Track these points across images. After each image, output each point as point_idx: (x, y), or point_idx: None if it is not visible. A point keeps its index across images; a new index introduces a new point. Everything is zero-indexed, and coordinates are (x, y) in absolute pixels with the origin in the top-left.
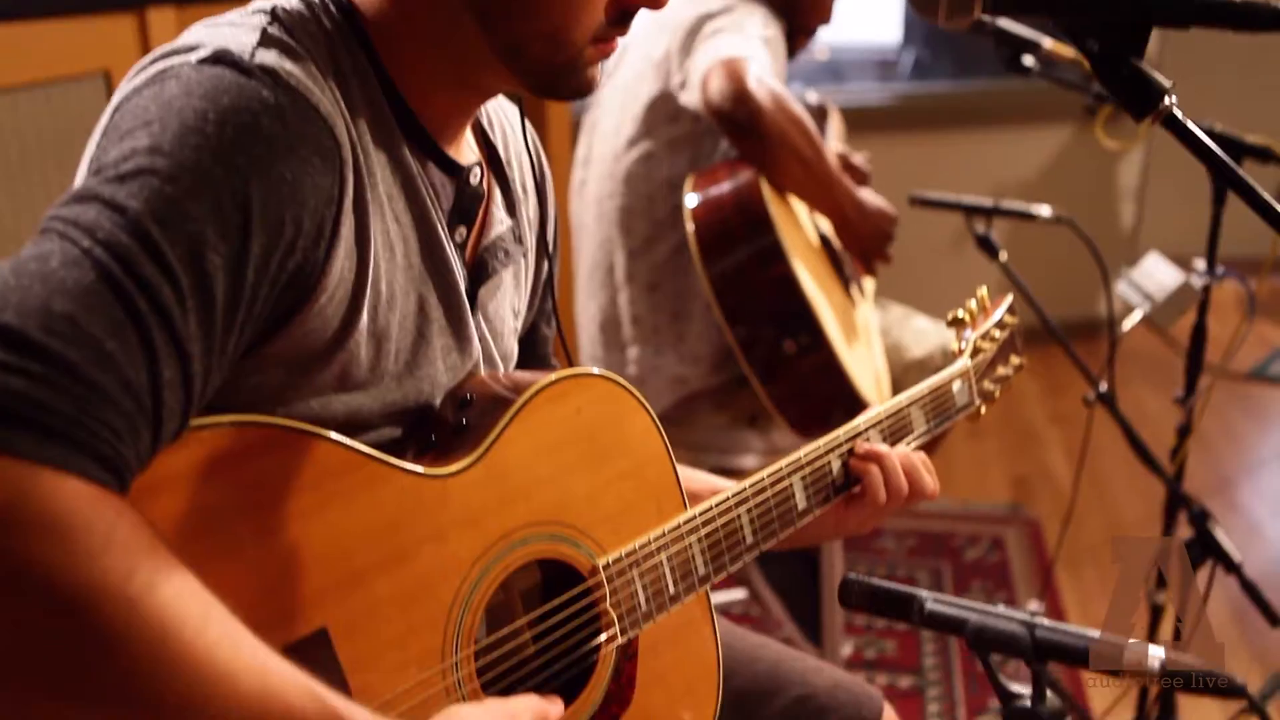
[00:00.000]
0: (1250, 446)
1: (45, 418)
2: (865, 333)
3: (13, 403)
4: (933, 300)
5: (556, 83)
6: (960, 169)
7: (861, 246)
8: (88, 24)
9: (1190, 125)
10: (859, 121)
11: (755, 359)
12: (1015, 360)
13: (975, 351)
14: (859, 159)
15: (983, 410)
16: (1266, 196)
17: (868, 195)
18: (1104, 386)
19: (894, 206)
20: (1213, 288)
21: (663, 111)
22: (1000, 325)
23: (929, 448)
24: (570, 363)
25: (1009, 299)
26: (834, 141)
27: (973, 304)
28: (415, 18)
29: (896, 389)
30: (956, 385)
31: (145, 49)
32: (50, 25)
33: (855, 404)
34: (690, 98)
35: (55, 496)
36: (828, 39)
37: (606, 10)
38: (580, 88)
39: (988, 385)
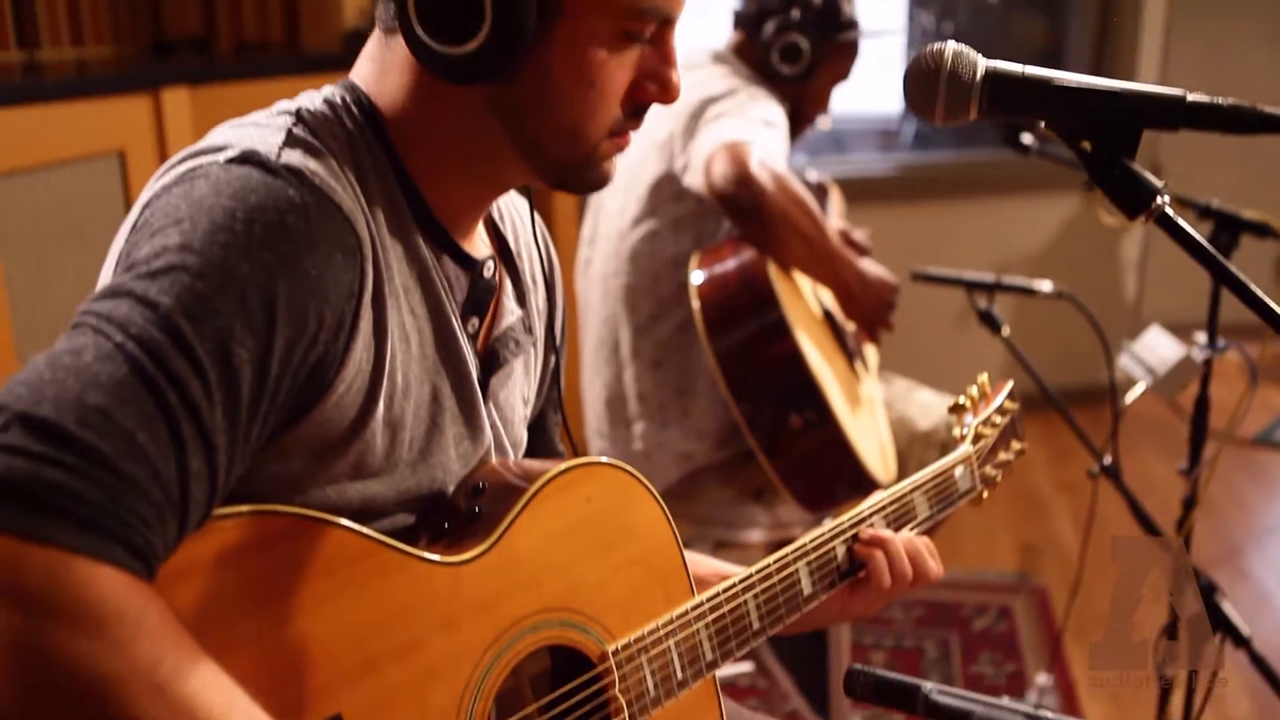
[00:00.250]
0: (1258, 513)
1: (80, 508)
2: (870, 406)
3: (48, 493)
4: (937, 373)
5: (574, 176)
6: (963, 239)
7: (865, 316)
8: (103, 105)
9: (1183, 224)
10: (861, 192)
11: (761, 434)
12: (1016, 445)
13: (977, 438)
14: (860, 235)
15: (985, 495)
16: (1259, 293)
17: (869, 265)
18: (1108, 459)
19: (896, 276)
20: (1214, 360)
21: (667, 192)
22: (1001, 411)
23: (933, 525)
24: (575, 449)
25: (1009, 385)
26: (835, 218)
27: (974, 390)
28: (437, 116)
29: (902, 462)
30: (959, 471)
31: (160, 129)
32: (67, 107)
33: (861, 478)
34: (694, 180)
35: (89, 584)
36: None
37: (622, 105)
38: (596, 181)
39: (989, 471)
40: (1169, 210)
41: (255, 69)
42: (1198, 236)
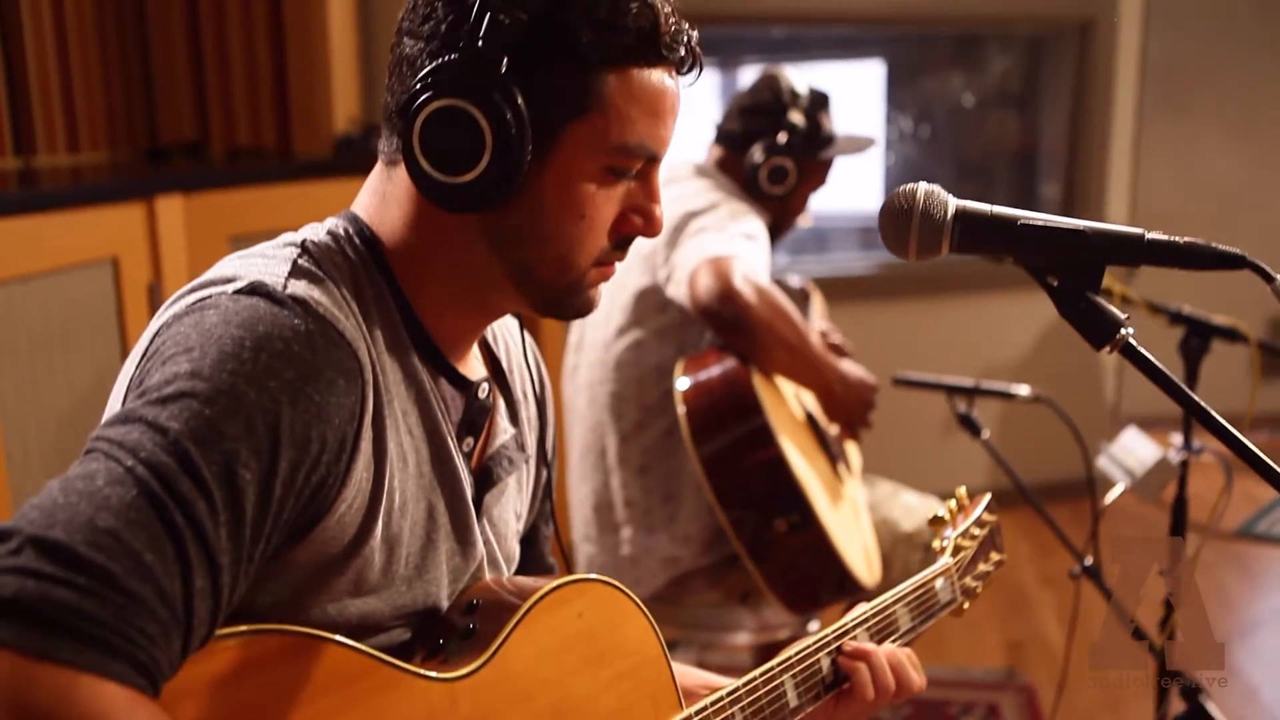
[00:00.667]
0: (1243, 607)
1: (88, 627)
2: (854, 508)
3: (58, 613)
4: (921, 475)
5: (560, 303)
6: (944, 338)
7: (847, 417)
8: (98, 213)
9: (1147, 356)
10: (843, 290)
11: (746, 538)
12: (996, 557)
13: (956, 550)
14: (839, 338)
15: (965, 606)
16: (1223, 422)
17: (849, 367)
18: (1089, 560)
19: (876, 375)
20: (1191, 461)
21: (651, 302)
22: (980, 523)
23: (916, 635)
24: (568, 561)
25: (987, 498)
26: (817, 320)
27: (953, 503)
28: (434, 245)
29: (886, 564)
30: (940, 583)
31: (153, 236)
32: (61, 216)
33: (845, 580)
34: (677, 293)
35: (95, 701)
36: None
37: (609, 236)
38: (582, 307)
39: (969, 582)
40: (1133, 341)
41: (247, 176)
42: (1162, 368)
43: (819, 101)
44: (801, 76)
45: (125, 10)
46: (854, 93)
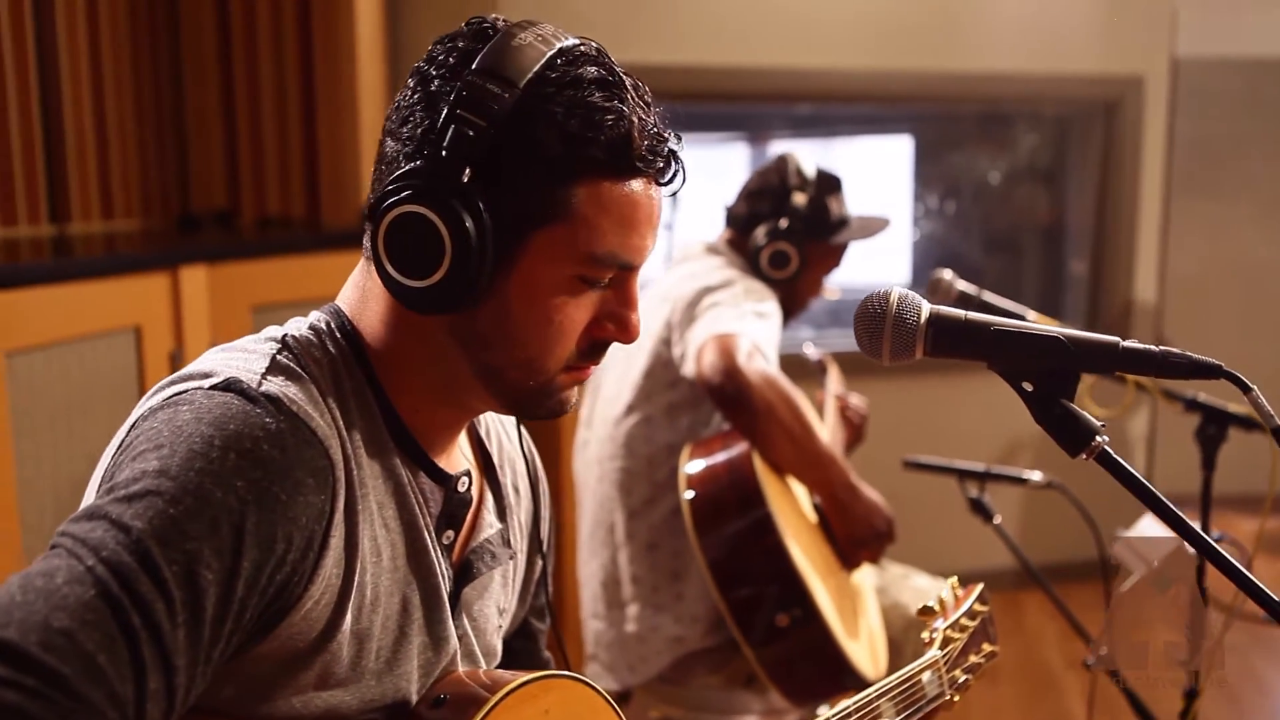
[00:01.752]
0: (1275, 691)
1: None
2: (860, 597)
3: (6, 716)
4: (936, 557)
5: (531, 405)
6: (964, 415)
7: (850, 533)
8: (123, 283)
9: (1122, 463)
10: (862, 366)
11: (748, 630)
12: (988, 648)
13: (945, 642)
14: (856, 400)
15: (955, 699)
16: (1205, 537)
17: (866, 489)
18: (1104, 650)
19: (894, 452)
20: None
21: (661, 379)
22: (971, 614)
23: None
24: (564, 654)
25: (979, 588)
26: (833, 390)
27: (944, 594)
28: (408, 343)
29: (896, 649)
30: (926, 676)
31: (177, 305)
32: (88, 286)
33: (847, 675)
34: (688, 369)
35: None
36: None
37: (579, 342)
38: (554, 409)
39: (959, 675)
40: (1109, 449)
41: (272, 246)
42: (1139, 476)
43: (827, 184)
44: (814, 159)
45: (162, 81)
46: (881, 168)
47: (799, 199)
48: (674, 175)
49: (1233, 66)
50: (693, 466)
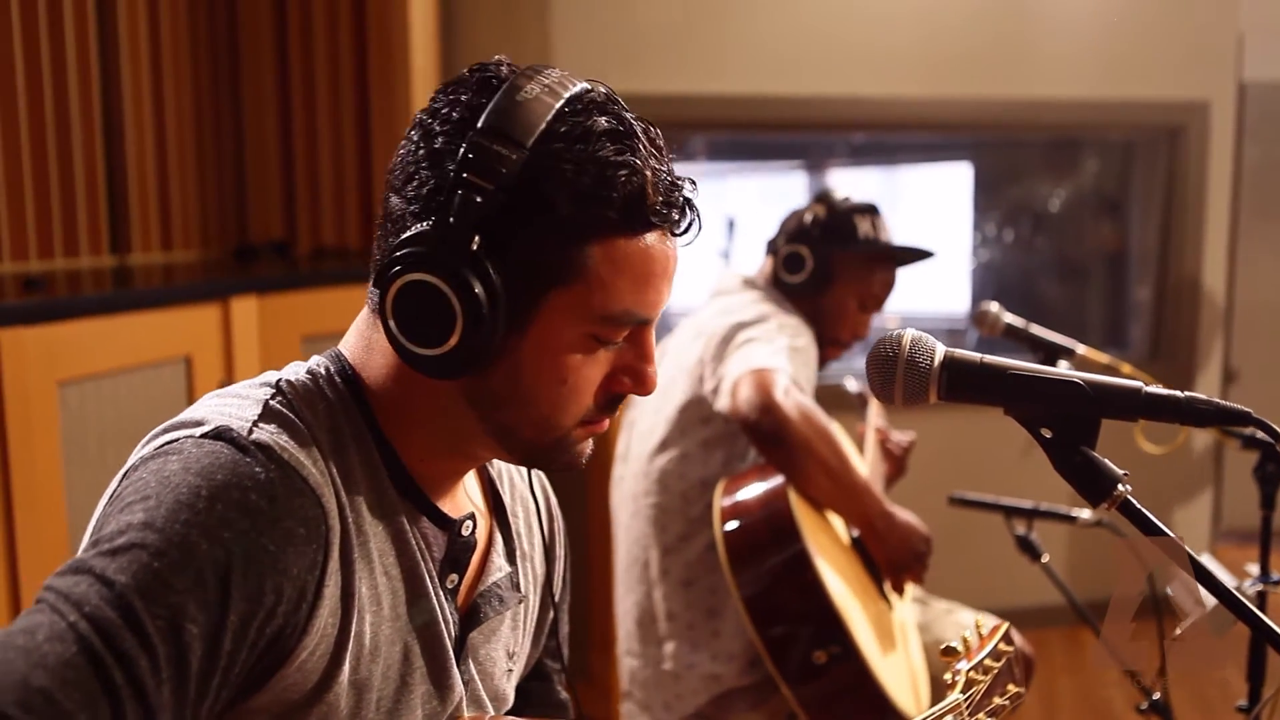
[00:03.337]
0: None
1: None
2: (901, 633)
3: None
4: (984, 593)
5: (545, 460)
6: (1012, 447)
7: (890, 559)
8: (174, 314)
9: (1145, 513)
10: None
11: (785, 666)
12: (1013, 689)
13: (968, 685)
14: (899, 436)
15: None
16: (1232, 589)
17: (901, 513)
18: (1157, 695)
19: (942, 484)
20: (1269, 593)
21: (695, 414)
22: (995, 655)
23: None
24: (575, 699)
25: (1004, 627)
26: (874, 418)
27: (969, 635)
28: (414, 399)
29: (937, 687)
30: None
31: (228, 337)
32: (139, 317)
33: (888, 712)
34: (721, 404)
35: None
36: (898, 307)
37: (596, 396)
38: (568, 464)
39: (983, 718)
40: (1131, 499)
41: (323, 277)
42: (1163, 527)
43: (857, 206)
44: (876, 195)
45: (222, 114)
46: (941, 196)
47: (817, 209)
48: (689, 225)
49: None
50: (727, 501)
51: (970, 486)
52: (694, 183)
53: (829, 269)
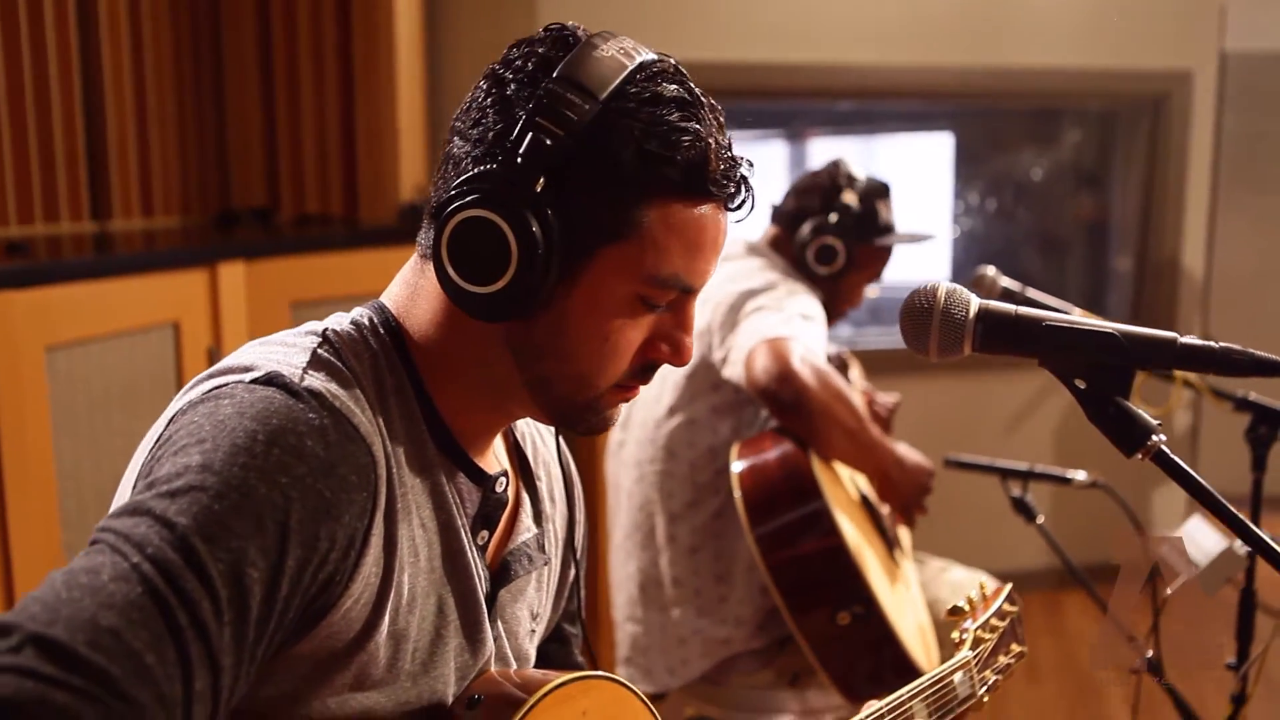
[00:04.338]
0: None
1: None
2: (908, 589)
3: (55, 716)
4: (975, 555)
5: (575, 418)
6: (1004, 410)
7: (901, 501)
8: (162, 279)
9: (1180, 464)
10: (904, 363)
11: (807, 628)
12: (1016, 648)
13: (976, 643)
14: (884, 398)
15: (985, 700)
16: (1262, 535)
17: (905, 450)
18: (1150, 653)
19: (933, 450)
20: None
21: (704, 381)
22: (1000, 614)
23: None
24: (594, 658)
25: (1008, 588)
26: (858, 380)
27: (974, 595)
28: (457, 345)
29: (941, 643)
30: (958, 677)
31: (215, 301)
32: (128, 282)
33: (905, 667)
34: (733, 373)
35: None
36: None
37: (633, 360)
38: (596, 426)
39: (989, 675)
40: (1165, 449)
41: (310, 243)
42: (1197, 476)
43: (877, 190)
44: (864, 166)
45: (203, 79)
46: (922, 165)
47: (849, 197)
48: (743, 203)
49: None
50: (743, 463)
51: (962, 451)
52: (752, 163)
53: (855, 258)
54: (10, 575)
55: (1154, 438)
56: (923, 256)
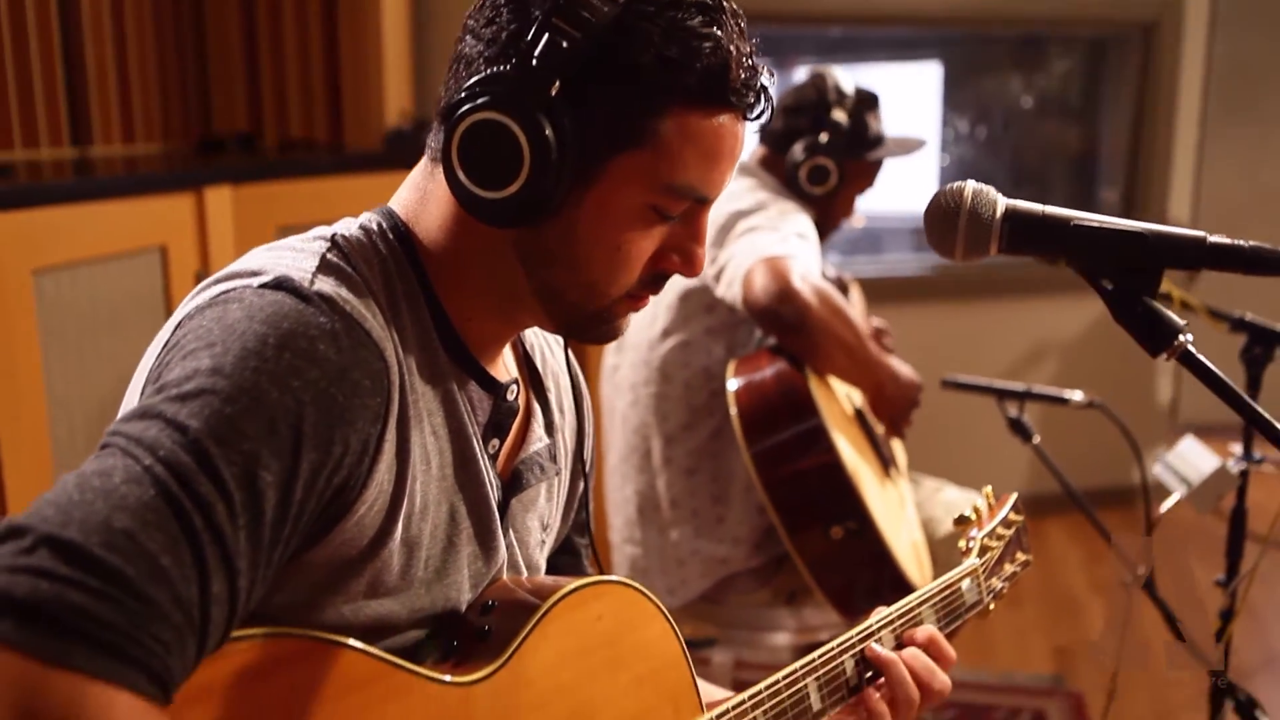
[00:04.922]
0: None
1: (101, 632)
2: (903, 506)
3: (72, 617)
4: (968, 477)
5: (584, 327)
6: (997, 339)
7: (892, 414)
8: (149, 203)
9: (1206, 364)
10: (895, 291)
11: (802, 543)
12: (1022, 557)
13: (983, 550)
14: (876, 320)
15: (991, 607)
16: None
17: (898, 365)
18: (1141, 570)
19: (926, 377)
20: (1251, 472)
21: (698, 302)
22: (1006, 523)
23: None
24: (601, 570)
25: (1013, 497)
26: (859, 311)
27: (980, 503)
28: (467, 251)
29: (935, 561)
30: (966, 584)
31: (202, 226)
32: (114, 205)
33: (900, 583)
34: (729, 293)
35: (107, 709)
36: (865, 208)
37: (644, 270)
38: (605, 335)
39: (996, 583)
40: (1192, 349)
41: (296, 168)
42: (1223, 376)
43: (866, 102)
44: (850, 77)
45: (182, 3)
46: (910, 93)
47: (839, 114)
48: (762, 113)
49: None
50: (739, 381)
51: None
52: (772, 73)
53: (847, 174)
54: (4, 499)
55: (1181, 337)
56: (909, 185)
